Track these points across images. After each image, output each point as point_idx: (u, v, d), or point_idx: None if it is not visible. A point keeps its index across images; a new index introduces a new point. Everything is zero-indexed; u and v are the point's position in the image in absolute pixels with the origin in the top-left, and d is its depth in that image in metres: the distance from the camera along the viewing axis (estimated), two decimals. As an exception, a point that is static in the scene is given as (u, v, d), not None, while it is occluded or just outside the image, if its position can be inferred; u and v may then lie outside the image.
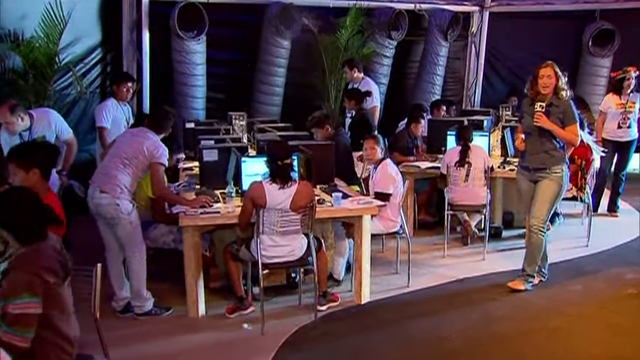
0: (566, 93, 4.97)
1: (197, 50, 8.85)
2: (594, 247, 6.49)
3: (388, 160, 5.60)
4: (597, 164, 6.97)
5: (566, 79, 5.02)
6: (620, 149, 7.78)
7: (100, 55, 8.35)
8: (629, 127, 7.67)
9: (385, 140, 6.01)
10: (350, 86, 8.31)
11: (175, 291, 5.06)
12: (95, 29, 8.28)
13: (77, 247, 5.47)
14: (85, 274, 3.24)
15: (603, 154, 7.25)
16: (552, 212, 5.22)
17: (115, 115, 6.65)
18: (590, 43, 10.99)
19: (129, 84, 6.82)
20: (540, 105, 4.93)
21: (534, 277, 5.28)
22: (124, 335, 4.41)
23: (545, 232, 5.16)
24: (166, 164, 4.73)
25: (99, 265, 3.27)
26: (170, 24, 8.57)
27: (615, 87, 7.73)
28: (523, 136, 5.18)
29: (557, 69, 4.95)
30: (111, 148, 4.90)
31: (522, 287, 5.20)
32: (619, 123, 7.66)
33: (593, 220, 6.67)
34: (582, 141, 6.58)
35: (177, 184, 5.74)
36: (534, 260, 5.24)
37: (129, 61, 8.66)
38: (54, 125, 5.74)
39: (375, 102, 8.11)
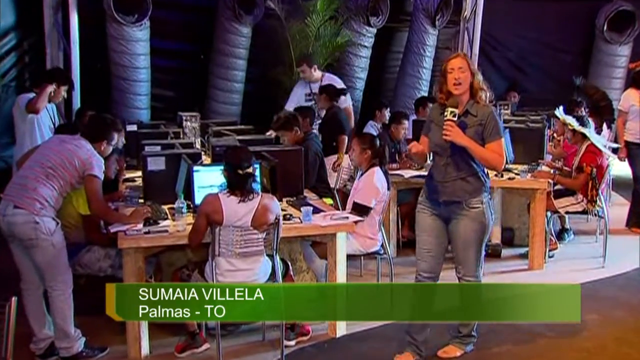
0: (486, 95, 4.30)
1: (138, 38, 8.81)
2: (611, 269, 6.52)
3: (377, 169, 5.57)
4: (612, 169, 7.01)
5: (580, 80, 4.53)
6: None
7: (14, 40, 8.21)
8: None
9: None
10: (308, 88, 8.25)
11: (112, 326, 4.88)
12: (7, 8, 8.12)
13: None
14: (-4, 310, 3.19)
15: (613, 155, 7.26)
16: (482, 254, 4.51)
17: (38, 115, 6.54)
18: (605, 27, 11.13)
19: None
20: (451, 112, 4.17)
21: (474, 336, 4.71)
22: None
23: (479, 282, 4.53)
24: (101, 176, 4.69)
25: (13, 299, 3.20)
26: (105, 5, 8.50)
27: (636, 80, 7.72)
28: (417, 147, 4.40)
29: (471, 62, 4.34)
30: (33, 154, 4.81)
31: (459, 353, 4.65)
32: None
33: (609, 238, 6.71)
34: (590, 144, 6.67)
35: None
36: None
37: (54, 49, 8.55)
38: None
39: (350, 101, 8.16)
